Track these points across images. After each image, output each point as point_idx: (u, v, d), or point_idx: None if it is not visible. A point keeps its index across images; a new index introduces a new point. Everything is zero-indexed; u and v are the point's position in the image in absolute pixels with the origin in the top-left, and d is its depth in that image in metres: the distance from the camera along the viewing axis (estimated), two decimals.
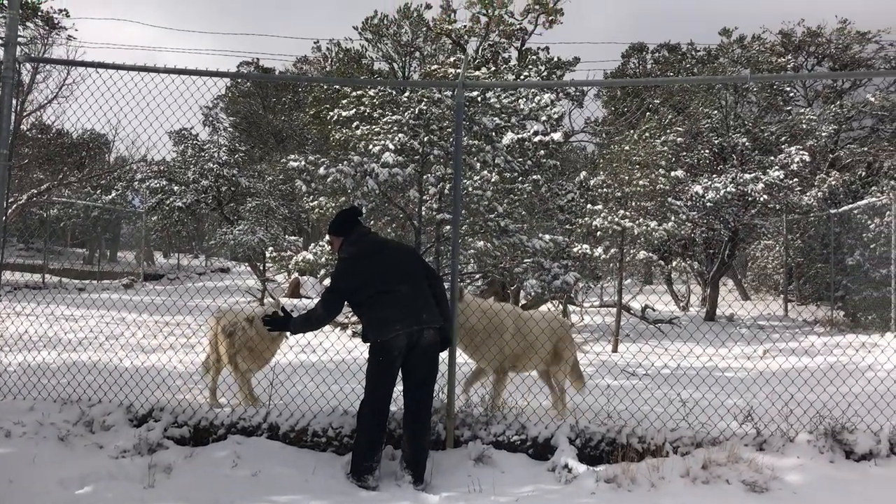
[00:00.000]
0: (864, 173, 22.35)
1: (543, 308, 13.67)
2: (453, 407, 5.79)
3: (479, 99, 10.64)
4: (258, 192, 21.55)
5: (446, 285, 5.86)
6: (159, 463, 5.28)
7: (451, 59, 15.97)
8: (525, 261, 12.10)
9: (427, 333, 5.25)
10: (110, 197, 26.83)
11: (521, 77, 16.64)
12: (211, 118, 32.42)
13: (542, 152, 13.78)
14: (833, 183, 22.42)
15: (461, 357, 6.50)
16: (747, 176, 16.82)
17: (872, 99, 29.41)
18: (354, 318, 13.45)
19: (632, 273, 17.59)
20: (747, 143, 18.53)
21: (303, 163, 10.28)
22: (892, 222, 15.57)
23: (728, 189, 16.40)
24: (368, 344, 5.35)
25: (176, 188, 21.63)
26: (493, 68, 17.15)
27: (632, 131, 13.25)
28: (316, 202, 12.54)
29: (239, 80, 30.93)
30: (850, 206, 17.88)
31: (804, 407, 5.88)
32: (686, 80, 19.74)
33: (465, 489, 5.04)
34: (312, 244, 13.50)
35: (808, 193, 21.21)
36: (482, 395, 6.24)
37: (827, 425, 5.54)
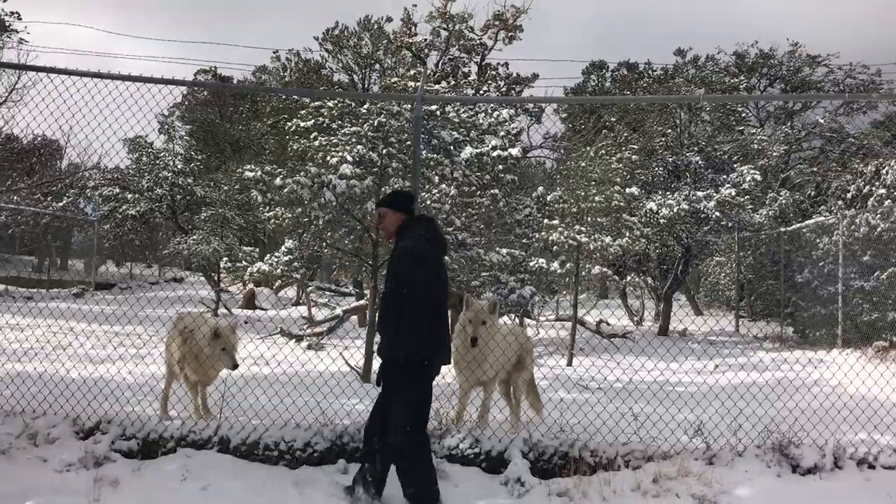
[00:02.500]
0: (812, 193, 22.92)
1: (500, 321, 13.73)
2: None
3: (438, 113, 10.69)
4: (214, 201, 21.30)
5: None
6: (105, 476, 5.16)
7: (412, 71, 16.02)
8: (482, 274, 12.16)
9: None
10: (61, 204, 26.28)
11: (481, 92, 16.76)
12: (167, 126, 32.00)
13: (501, 167, 13.86)
14: (783, 202, 22.98)
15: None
16: (700, 193, 17.14)
17: (821, 121, 30.28)
18: (311, 331, 13.33)
19: (587, 288, 17.77)
20: (700, 162, 18.90)
21: (259, 173, 10.20)
22: (839, 241, 15.99)
23: (681, 206, 16.68)
24: (398, 360, 4.68)
25: (129, 196, 21.27)
26: (453, 82, 17.26)
27: (588, 148, 13.40)
28: (272, 213, 12.44)
29: (196, 88, 30.58)
30: (800, 224, 18.33)
31: (752, 421, 5.99)
32: (642, 100, 20.08)
33: None
34: (268, 255, 13.40)
35: (759, 211, 21.68)
36: (436, 408, 6.22)
37: (774, 440, 5.65)
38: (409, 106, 9.93)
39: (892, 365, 12.09)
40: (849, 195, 19.40)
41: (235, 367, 6.25)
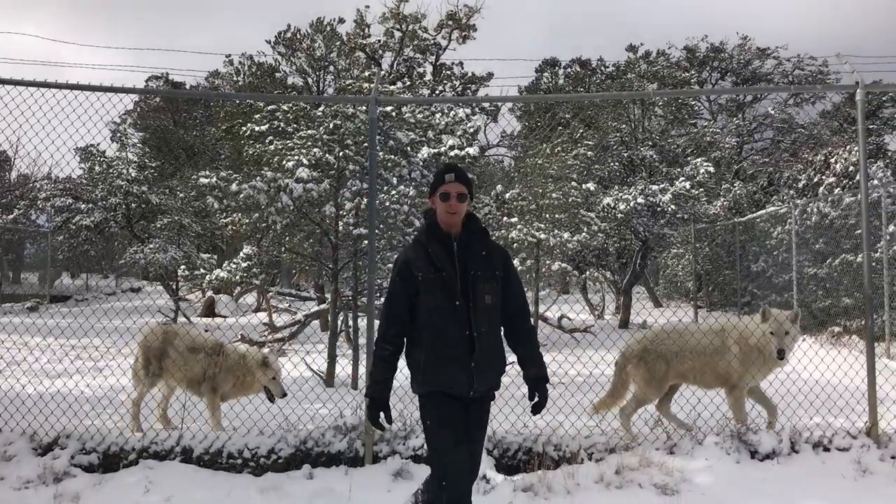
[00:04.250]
0: (765, 183, 23.39)
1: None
2: None
3: (393, 114, 10.68)
4: (170, 208, 21.01)
5: (363, 300, 5.84)
6: (66, 492, 5.09)
7: (366, 73, 15.98)
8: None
9: None
10: (12, 216, 25.69)
11: (437, 91, 16.79)
12: (119, 134, 31.45)
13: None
14: (738, 193, 23.43)
15: None
16: (655, 187, 17.39)
17: (772, 112, 30.90)
18: (272, 337, 13.23)
19: (548, 283, 17.91)
20: (655, 156, 19.19)
21: (214, 179, 10.08)
22: (792, 230, 16.36)
23: (637, 200, 16.91)
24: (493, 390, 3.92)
25: (83, 206, 20.87)
26: (409, 83, 17.27)
27: (545, 145, 13.51)
28: (229, 219, 12.33)
29: (149, 95, 30.11)
30: (754, 214, 18.72)
31: (711, 410, 6.11)
32: (594, 96, 20.29)
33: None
34: (227, 261, 13.26)
35: (714, 203, 22.08)
36: (400, 409, 6.23)
37: (733, 427, 5.77)
38: (364, 108, 9.92)
39: (844, 350, 12.40)
40: (800, 184, 19.85)
41: (284, 395, 6.56)
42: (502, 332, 3.88)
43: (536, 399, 3.76)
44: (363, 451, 5.71)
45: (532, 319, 12.91)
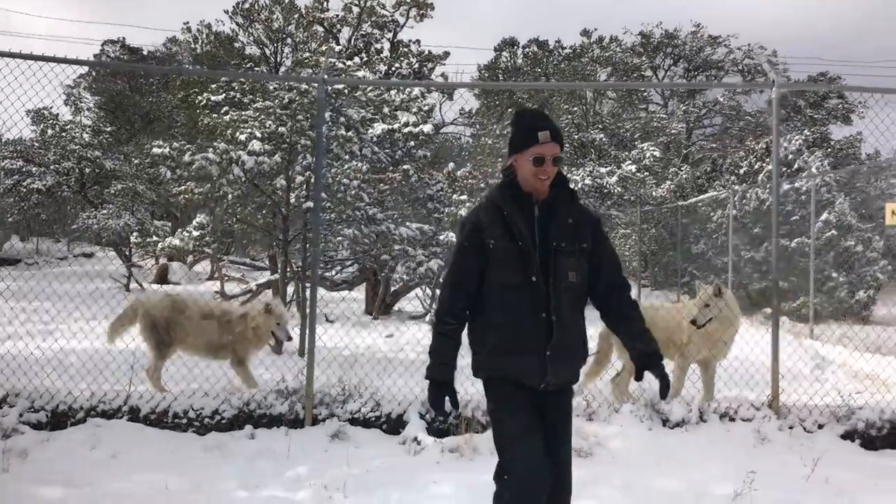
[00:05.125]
0: (709, 168, 24.10)
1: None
2: (312, 387, 6.12)
3: (346, 91, 10.91)
4: (124, 175, 20.90)
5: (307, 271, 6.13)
6: (14, 448, 5.33)
7: (324, 47, 16.10)
8: (395, 248, 12.51)
9: None
10: None
11: (393, 68, 17.00)
12: (73, 97, 30.93)
13: (413, 143, 14.21)
14: (684, 177, 24.12)
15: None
16: (603, 170, 17.91)
17: (721, 99, 31.68)
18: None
19: None
20: (605, 139, 19.71)
21: (168, 149, 10.24)
22: (730, 214, 17.01)
23: (585, 182, 17.41)
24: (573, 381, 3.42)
25: (35, 170, 20.66)
26: (366, 58, 17.42)
27: (495, 126, 13.86)
28: (183, 188, 12.46)
29: (103, 59, 29.65)
30: (696, 199, 19.37)
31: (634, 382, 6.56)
32: (547, 86, 20.67)
33: (320, 463, 5.38)
34: (180, 229, 13.38)
35: (662, 186, 22.73)
36: (339, 375, 6.59)
37: (647, 397, 6.24)
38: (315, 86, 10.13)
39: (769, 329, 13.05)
40: (741, 171, 20.56)
41: (290, 338, 6.96)
42: (599, 314, 3.40)
43: (658, 380, 3.20)
44: (303, 414, 6.05)
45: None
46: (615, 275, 3.31)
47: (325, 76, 6.59)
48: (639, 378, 3.27)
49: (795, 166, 19.89)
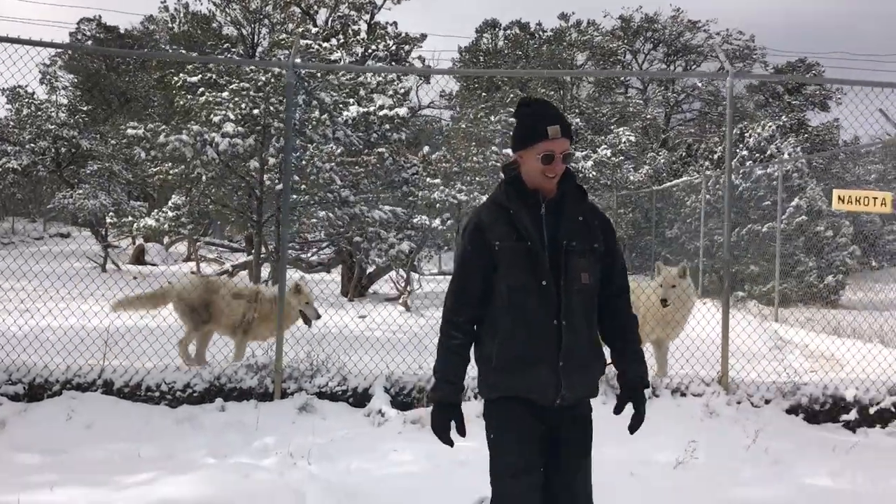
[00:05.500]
0: (684, 153, 24.42)
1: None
2: (281, 363, 6.35)
3: (319, 74, 11.06)
4: (100, 155, 20.88)
5: (291, 252, 6.33)
6: None
7: (300, 28, 16.20)
8: (370, 230, 12.72)
9: None
10: None
11: (370, 50, 17.13)
12: (49, 76, 30.70)
13: (388, 126, 14.37)
14: (661, 161, 24.45)
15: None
16: (579, 154, 18.17)
17: (699, 84, 32.02)
18: None
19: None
20: (581, 124, 19.96)
21: (142, 130, 10.37)
22: (702, 199, 17.34)
23: None
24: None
25: (9, 149, 20.60)
26: (342, 40, 17.51)
27: (468, 111, 14.07)
28: (158, 168, 12.58)
29: (80, 38, 29.46)
30: (670, 183, 19.70)
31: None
32: (526, 73, 20.84)
33: (287, 434, 5.62)
34: (156, 210, 13.51)
35: (639, 171, 23.03)
36: (308, 351, 6.82)
37: (605, 375, 6.52)
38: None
39: (738, 313, 13.44)
40: (716, 156, 20.90)
41: (318, 317, 7.17)
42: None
43: (632, 412, 3.04)
44: (272, 388, 6.28)
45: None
46: (622, 280, 3.05)
47: (297, 60, 6.76)
48: (618, 411, 3.04)
49: (768, 152, 20.26)
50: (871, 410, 6.45)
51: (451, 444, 2.96)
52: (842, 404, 6.52)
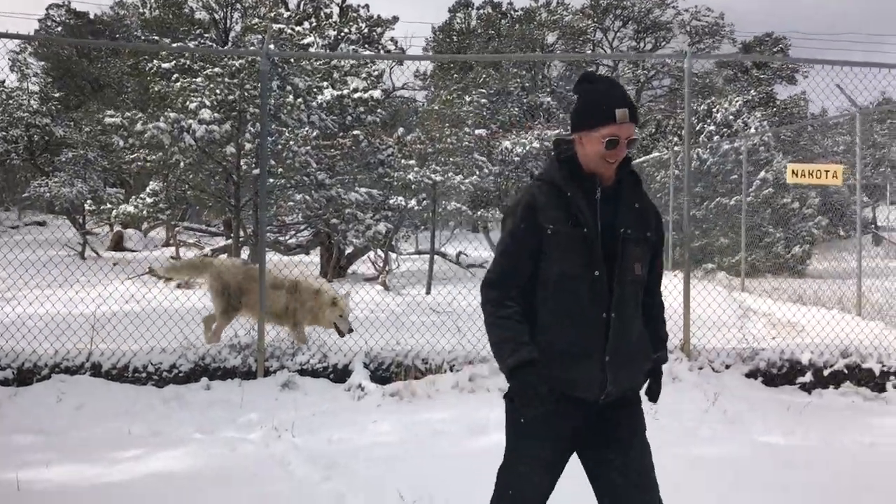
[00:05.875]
0: (654, 129, 24.77)
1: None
2: (263, 342, 6.60)
3: (292, 60, 11.21)
4: (75, 142, 20.82)
5: (269, 236, 6.54)
6: None
7: (272, 13, 16.29)
8: (346, 212, 12.93)
9: None
10: None
11: (342, 33, 17.23)
12: (19, 63, 30.38)
13: (362, 109, 14.54)
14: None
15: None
16: (551, 133, 18.44)
17: (668, 61, 32.34)
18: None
19: (447, 222, 18.85)
20: (553, 103, 20.22)
21: (120, 119, 10.49)
22: (671, 174, 17.71)
23: (533, 144, 17.94)
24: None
25: None
26: (315, 23, 17.60)
27: (442, 92, 14.27)
28: (136, 155, 12.69)
29: (49, 24, 29.20)
30: (640, 159, 20.03)
31: None
32: (498, 57, 21.04)
33: (270, 409, 5.88)
34: (134, 196, 13.61)
35: None
36: (278, 330, 7.08)
37: None
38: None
39: (708, 284, 13.83)
40: (683, 132, 21.23)
41: (351, 331, 7.13)
42: None
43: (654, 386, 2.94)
44: (255, 367, 6.54)
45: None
46: (660, 272, 2.96)
47: (271, 46, 6.94)
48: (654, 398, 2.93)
49: (734, 127, 20.65)
50: (825, 373, 6.83)
51: (543, 402, 2.59)
52: (798, 367, 6.89)
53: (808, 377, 6.84)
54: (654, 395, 2.94)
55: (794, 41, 43.84)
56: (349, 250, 15.13)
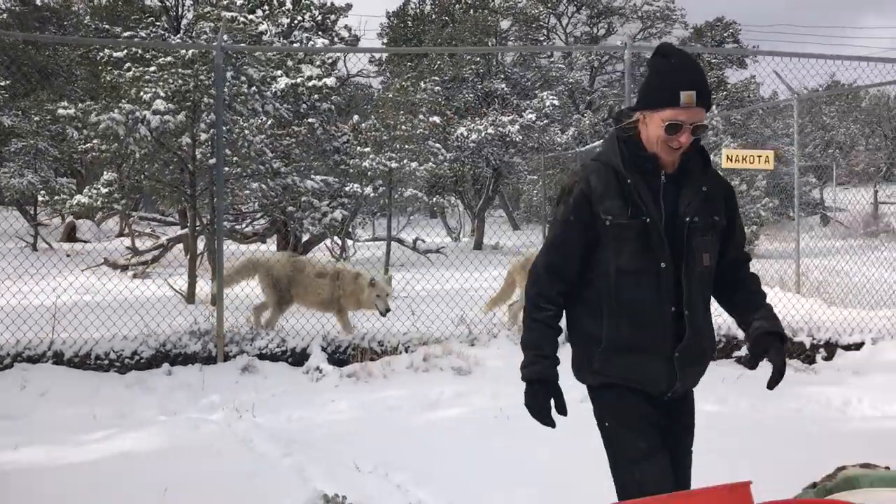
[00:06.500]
0: (606, 115, 25.25)
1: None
2: (222, 327, 6.80)
3: (246, 52, 11.29)
4: (24, 132, 20.51)
5: (226, 224, 6.69)
6: None
7: (225, 1, 16.26)
8: (302, 199, 13.08)
9: None
10: None
11: (295, 21, 17.29)
12: None
13: (317, 96, 14.66)
14: (587, 122, 25.25)
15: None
16: (505, 119, 18.76)
17: (620, 44, 32.92)
18: (136, 260, 13.79)
19: (405, 208, 19.10)
20: (507, 89, 20.53)
21: (73, 111, 10.50)
22: None
23: (488, 131, 18.25)
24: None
25: None
26: (268, 11, 17.62)
27: (396, 80, 14.47)
28: (90, 145, 12.64)
29: None
30: (592, 144, 20.47)
31: (505, 312, 7.50)
32: (452, 50, 21.22)
33: (231, 392, 6.09)
34: (88, 187, 13.56)
35: (566, 133, 23.77)
36: (247, 316, 7.28)
37: (520, 323, 7.16)
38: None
39: None
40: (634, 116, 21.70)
41: (388, 311, 7.42)
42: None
43: (773, 366, 2.57)
44: (216, 352, 6.73)
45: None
46: (741, 249, 2.74)
47: (225, 37, 7.09)
48: (753, 365, 2.63)
49: None
50: None
51: (552, 424, 2.56)
52: (734, 342, 7.30)
53: (743, 351, 7.24)
54: (775, 380, 2.58)
55: (745, 26, 44.90)
56: (306, 238, 15.27)
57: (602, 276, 2.52)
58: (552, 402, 2.57)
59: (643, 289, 2.48)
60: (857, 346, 7.38)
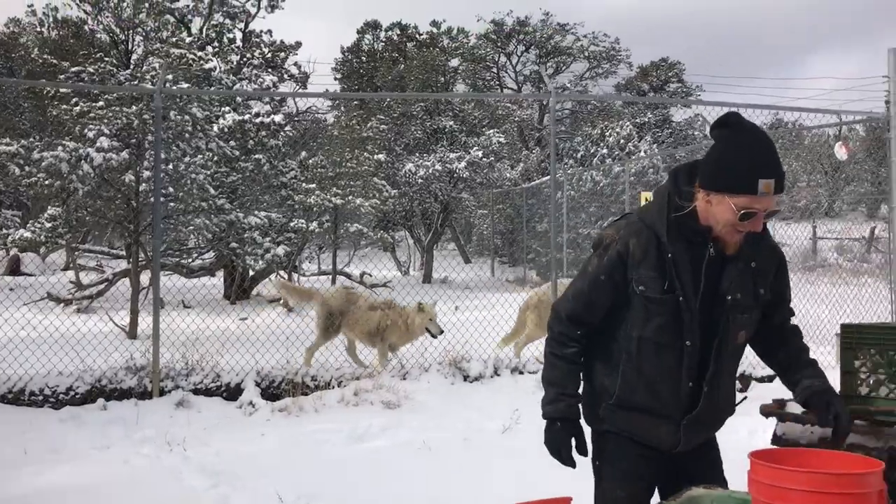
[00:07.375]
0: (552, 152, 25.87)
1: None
2: (158, 363, 6.94)
3: (187, 94, 11.50)
4: None
5: (170, 259, 6.85)
6: None
7: (174, 38, 16.47)
8: (245, 235, 13.21)
9: None
10: None
11: (245, 58, 17.56)
12: None
13: (264, 133, 14.88)
14: (535, 159, 25.88)
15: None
16: (453, 155, 19.17)
17: (568, 84, 33.79)
18: (80, 294, 13.74)
19: (358, 241, 19.28)
20: (455, 126, 20.97)
21: (16, 147, 10.58)
22: (564, 195, 18.70)
23: (435, 167, 18.62)
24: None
25: None
26: (217, 48, 17.85)
27: (341, 118, 14.79)
28: (33, 179, 12.66)
29: None
30: (538, 181, 21.03)
31: (437, 346, 7.78)
32: (403, 96, 21.67)
33: (165, 426, 6.23)
34: (31, 221, 13.53)
35: (515, 169, 24.34)
36: (183, 352, 7.42)
37: (451, 357, 7.44)
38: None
39: None
40: (579, 154, 22.42)
41: (441, 332, 7.87)
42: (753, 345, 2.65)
43: (834, 421, 2.35)
44: (151, 387, 6.87)
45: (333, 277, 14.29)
46: (787, 309, 2.60)
47: (169, 77, 7.32)
48: (823, 423, 2.39)
49: (626, 150, 21.89)
50: None
51: (573, 465, 2.45)
52: None
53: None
54: (841, 436, 2.37)
55: (688, 62, 46.41)
56: (252, 272, 15.37)
57: (625, 336, 2.42)
58: (573, 441, 2.46)
59: (665, 361, 2.37)
60: (771, 379, 7.79)
